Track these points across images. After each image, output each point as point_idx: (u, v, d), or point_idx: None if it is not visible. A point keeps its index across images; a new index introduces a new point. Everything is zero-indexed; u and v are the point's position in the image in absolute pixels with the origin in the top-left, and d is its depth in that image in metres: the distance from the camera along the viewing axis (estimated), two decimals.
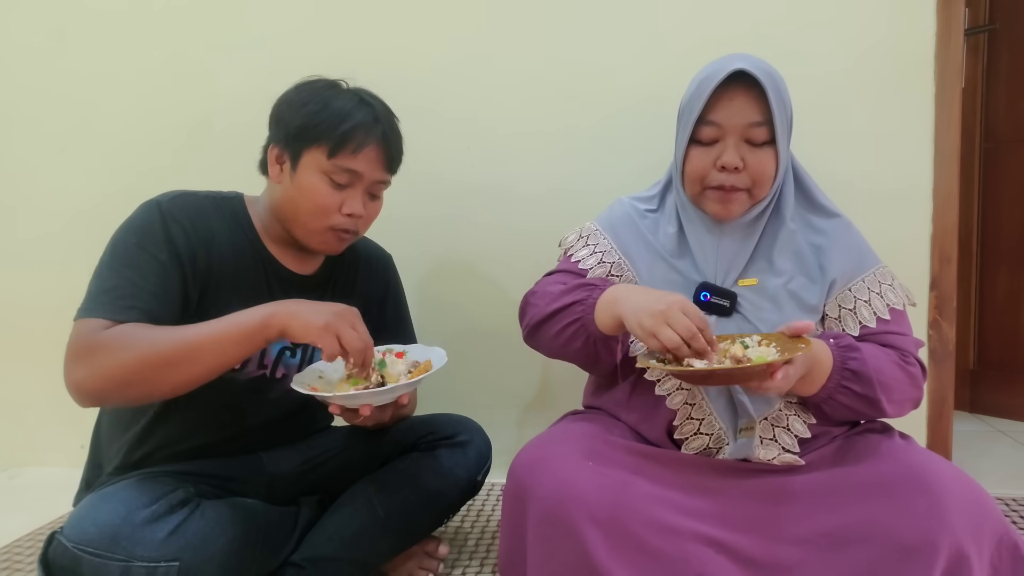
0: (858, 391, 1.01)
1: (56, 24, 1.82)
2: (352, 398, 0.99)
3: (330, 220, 1.11)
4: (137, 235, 1.04)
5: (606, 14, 1.63)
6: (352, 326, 0.98)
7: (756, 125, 1.03)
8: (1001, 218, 2.28)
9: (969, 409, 2.33)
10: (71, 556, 0.92)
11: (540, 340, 1.15)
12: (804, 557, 0.90)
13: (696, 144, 1.07)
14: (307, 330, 0.96)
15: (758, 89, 1.02)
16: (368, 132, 1.10)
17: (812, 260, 1.10)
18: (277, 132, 1.12)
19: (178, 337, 0.95)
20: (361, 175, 1.10)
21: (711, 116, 1.04)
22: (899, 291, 1.12)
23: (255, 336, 0.96)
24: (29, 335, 1.89)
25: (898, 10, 1.54)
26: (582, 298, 1.07)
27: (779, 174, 1.07)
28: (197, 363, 0.95)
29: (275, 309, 0.97)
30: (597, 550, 0.87)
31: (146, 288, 1.01)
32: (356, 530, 1.14)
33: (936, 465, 0.94)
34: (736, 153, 1.03)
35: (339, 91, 1.13)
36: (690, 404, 1.07)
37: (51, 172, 1.86)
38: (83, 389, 0.95)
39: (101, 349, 0.94)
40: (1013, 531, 0.92)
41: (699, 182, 1.08)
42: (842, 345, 1.02)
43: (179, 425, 1.12)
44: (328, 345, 0.96)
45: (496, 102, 1.69)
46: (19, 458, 1.94)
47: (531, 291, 1.20)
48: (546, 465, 0.95)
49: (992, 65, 2.26)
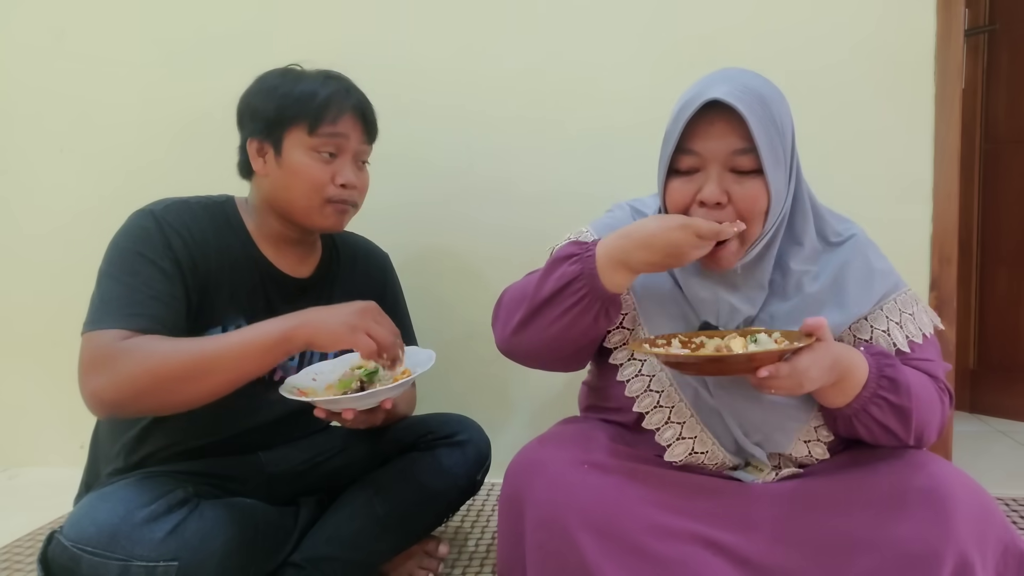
0: (894, 401, 0.93)
1: (55, 23, 1.82)
2: (334, 402, 1.00)
3: (325, 193, 1.12)
4: (136, 243, 1.04)
5: (605, 13, 1.63)
6: (377, 320, 0.99)
7: (740, 153, 0.92)
8: (1001, 219, 2.27)
9: (969, 409, 2.33)
10: (70, 555, 0.92)
11: (532, 334, 1.00)
12: (804, 561, 0.88)
13: (675, 174, 0.97)
14: (335, 338, 0.96)
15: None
16: (343, 100, 1.12)
17: (825, 293, 1.01)
18: (253, 125, 1.13)
19: (197, 350, 0.95)
20: (348, 137, 1.13)
21: (690, 144, 0.94)
22: (921, 318, 1.03)
23: (276, 349, 0.96)
24: (29, 335, 1.89)
25: (898, 11, 1.54)
26: (577, 272, 0.95)
27: (773, 207, 0.94)
28: (215, 376, 0.95)
29: (298, 322, 0.97)
30: (594, 555, 0.85)
31: (153, 295, 1.01)
32: (355, 530, 1.14)
33: (942, 471, 0.91)
34: (718, 186, 0.92)
35: (303, 72, 1.15)
36: (689, 438, 1.01)
37: (51, 171, 1.86)
38: (102, 399, 0.95)
39: (119, 359, 0.94)
40: (1019, 538, 0.90)
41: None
42: (875, 352, 0.96)
43: (178, 427, 1.12)
44: (363, 345, 0.97)
45: (495, 102, 1.69)
46: (19, 458, 1.94)
47: (504, 291, 1.09)
48: (541, 469, 0.94)
49: (992, 66, 2.26)
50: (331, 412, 1.02)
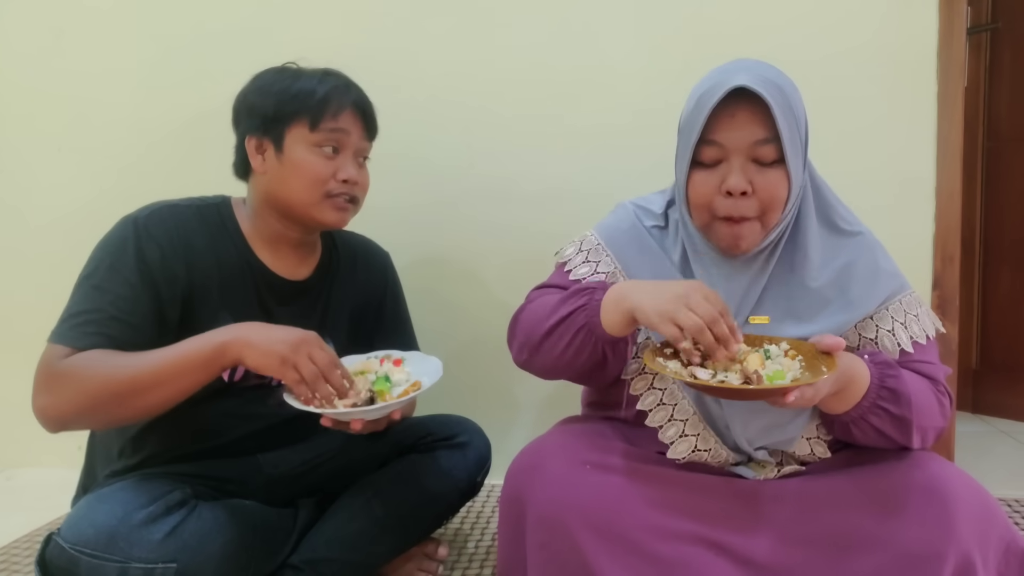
0: (893, 412, 0.93)
1: (53, 23, 1.81)
2: (344, 414, 0.98)
3: (326, 187, 1.11)
4: (110, 255, 1.04)
5: (607, 12, 1.63)
6: (310, 355, 0.97)
7: (762, 143, 0.93)
8: (1004, 217, 2.27)
9: (972, 409, 2.32)
10: (68, 557, 0.92)
11: (541, 358, 1.03)
12: (805, 560, 0.89)
13: (698, 166, 0.97)
14: (264, 362, 0.95)
15: (763, 102, 0.92)
16: (343, 95, 1.12)
17: (831, 289, 1.01)
18: (250, 123, 1.12)
19: (137, 365, 0.95)
20: (348, 133, 1.12)
21: (712, 135, 0.94)
22: (925, 320, 1.04)
23: (210, 365, 0.96)
24: (26, 335, 1.87)
25: (900, 9, 1.53)
26: (583, 303, 0.98)
27: (792, 196, 0.97)
28: (154, 393, 0.96)
29: (231, 336, 0.96)
30: (595, 555, 0.85)
31: (113, 314, 1.01)
32: (355, 532, 1.14)
33: (944, 471, 0.91)
34: (743, 176, 0.93)
35: (300, 70, 1.15)
36: (692, 436, 1.01)
37: (48, 171, 1.86)
38: (47, 416, 0.97)
39: (61, 378, 0.96)
40: (1020, 537, 0.91)
41: (706, 211, 0.98)
42: (878, 362, 0.95)
43: (176, 430, 1.11)
44: (287, 378, 0.96)
45: (496, 102, 1.68)
46: (16, 459, 1.93)
47: (520, 309, 1.10)
48: (543, 470, 0.94)
49: (995, 64, 2.25)
50: (338, 421, 1.01)
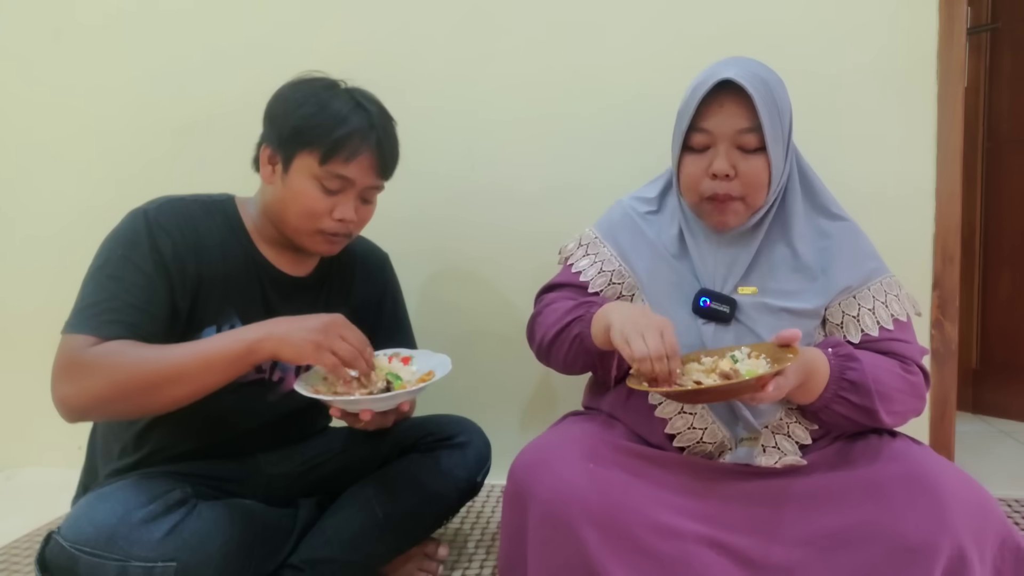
0: (855, 402, 1.00)
1: (51, 27, 1.81)
2: (353, 403, 0.98)
3: (320, 224, 1.10)
4: (123, 246, 1.04)
5: (606, 12, 1.63)
6: (342, 336, 0.98)
7: (746, 131, 1.03)
8: (1004, 218, 2.27)
9: (972, 410, 2.32)
10: (68, 556, 0.92)
11: (552, 360, 1.18)
12: (804, 558, 0.90)
13: (689, 151, 1.08)
14: (299, 352, 0.96)
15: (747, 95, 1.02)
16: (362, 139, 1.08)
17: (815, 266, 1.09)
18: (270, 132, 1.11)
19: (164, 358, 0.96)
20: (353, 182, 1.09)
21: (702, 123, 1.05)
22: (904, 302, 1.10)
23: (241, 361, 0.97)
24: (26, 336, 1.89)
25: (900, 9, 1.53)
26: (581, 315, 1.09)
27: (773, 181, 1.06)
28: (180, 387, 0.96)
29: (263, 334, 0.97)
30: (597, 552, 0.87)
31: (131, 302, 1.00)
32: (355, 532, 1.14)
33: (937, 466, 0.93)
34: (726, 160, 1.04)
35: (335, 93, 1.10)
36: (690, 414, 1.06)
37: (48, 177, 1.86)
38: (68, 405, 0.96)
39: (87, 367, 0.95)
40: (1016, 533, 0.92)
41: (695, 191, 1.08)
42: (841, 354, 1.01)
43: (177, 428, 1.12)
44: (325, 363, 0.96)
45: (496, 103, 1.68)
46: (16, 458, 1.93)
47: (537, 311, 1.22)
48: (546, 467, 0.95)
49: (995, 64, 2.25)
50: (347, 413, 1.01)
